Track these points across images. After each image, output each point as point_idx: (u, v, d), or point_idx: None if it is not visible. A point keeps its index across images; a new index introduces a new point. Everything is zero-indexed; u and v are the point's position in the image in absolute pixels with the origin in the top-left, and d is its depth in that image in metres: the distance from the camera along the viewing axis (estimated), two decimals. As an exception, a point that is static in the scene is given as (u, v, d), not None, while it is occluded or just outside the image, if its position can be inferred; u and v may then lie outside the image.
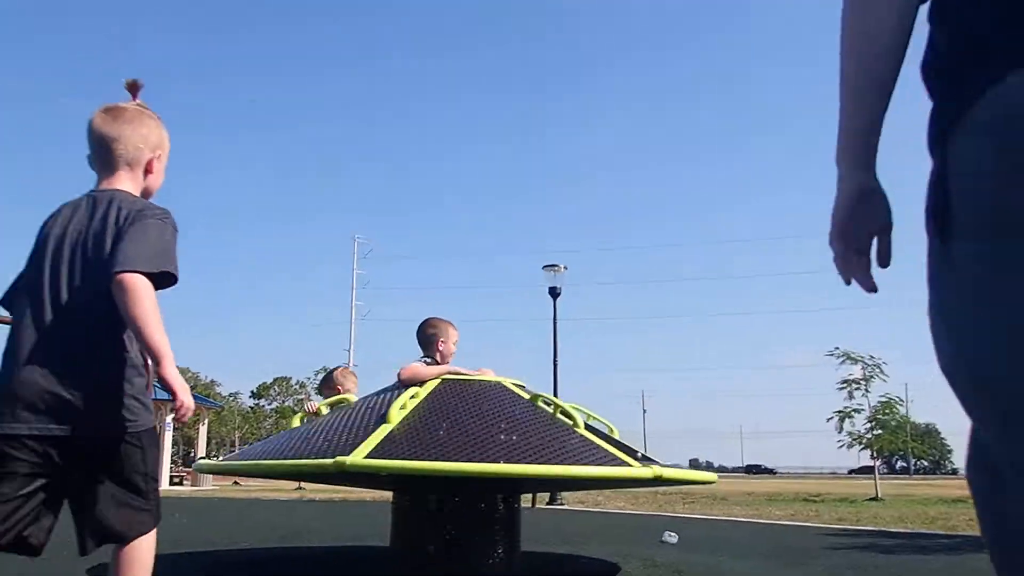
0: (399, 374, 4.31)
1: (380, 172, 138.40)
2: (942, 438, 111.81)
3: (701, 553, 5.91)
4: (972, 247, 0.94)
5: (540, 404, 4.10)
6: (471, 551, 4.11)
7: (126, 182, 2.12)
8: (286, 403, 66.41)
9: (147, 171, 2.16)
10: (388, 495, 4.63)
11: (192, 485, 26.20)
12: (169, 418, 26.50)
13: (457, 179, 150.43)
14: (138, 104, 2.21)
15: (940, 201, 0.98)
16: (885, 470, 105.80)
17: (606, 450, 3.83)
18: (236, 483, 28.32)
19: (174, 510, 10.96)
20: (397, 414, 3.94)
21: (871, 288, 1.29)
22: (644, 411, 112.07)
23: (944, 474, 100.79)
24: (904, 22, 1.11)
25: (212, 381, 71.71)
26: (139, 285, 1.90)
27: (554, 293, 17.95)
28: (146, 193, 2.17)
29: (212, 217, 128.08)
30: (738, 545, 6.71)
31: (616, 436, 4.63)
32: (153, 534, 2.01)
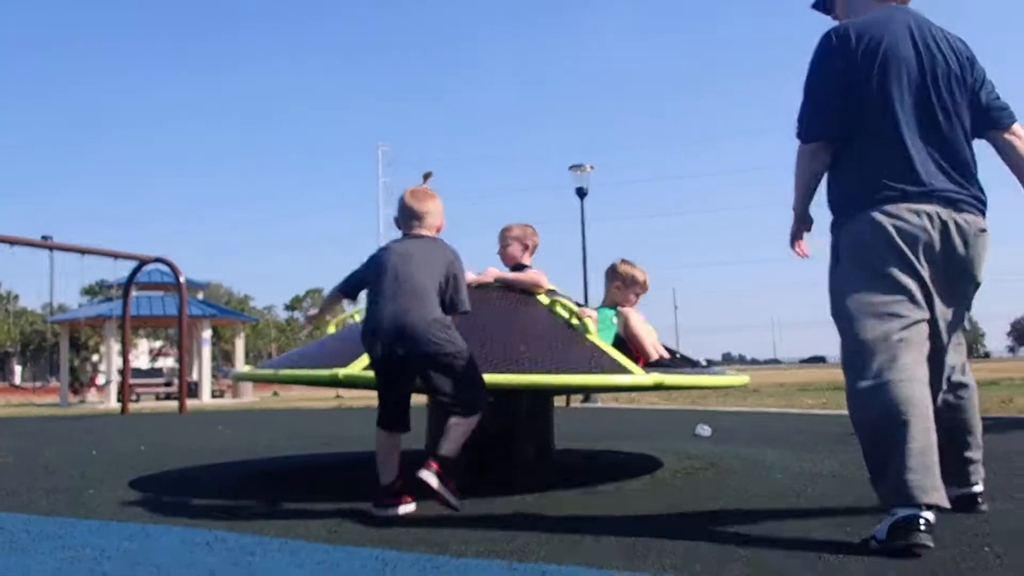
0: None
1: (406, 77, 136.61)
2: (974, 322, 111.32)
3: (734, 444, 5.99)
4: (840, 264, 2.83)
5: (558, 310, 4.08)
6: (504, 449, 4.19)
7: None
8: (320, 314, 67.17)
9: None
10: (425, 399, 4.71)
11: (233, 397, 26.77)
12: (206, 334, 26.95)
13: (482, 79, 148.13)
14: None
15: (835, 247, 2.87)
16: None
17: (611, 358, 3.84)
18: (276, 394, 28.91)
19: (216, 422, 11.23)
20: (333, 327, 4.11)
21: (804, 255, 3.12)
22: (676, 307, 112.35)
23: (977, 357, 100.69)
24: (822, 170, 2.92)
25: (246, 296, 72.68)
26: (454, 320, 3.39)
27: (581, 193, 17.80)
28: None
29: (241, 134, 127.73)
30: (770, 435, 6.78)
31: (655, 336, 4.66)
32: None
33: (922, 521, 2.36)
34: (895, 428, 2.49)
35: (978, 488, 3.00)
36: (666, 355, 4.20)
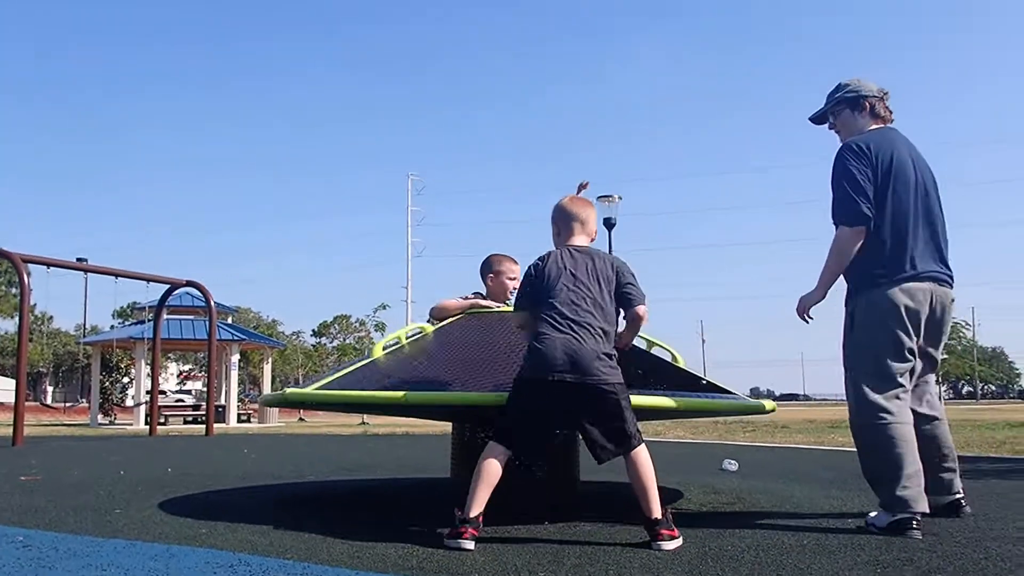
0: (429, 310, 4.54)
1: (435, 109, 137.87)
2: (1010, 361, 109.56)
3: (761, 479, 5.92)
4: (859, 326, 3.62)
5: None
6: (529, 480, 4.17)
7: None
8: (347, 340, 67.38)
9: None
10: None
11: (259, 422, 26.87)
12: (235, 358, 27.14)
13: (509, 112, 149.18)
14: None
15: (853, 314, 3.65)
16: (951, 395, 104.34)
17: (712, 383, 4.36)
18: (302, 419, 29.00)
19: (242, 446, 11.28)
20: (379, 350, 4.11)
21: (810, 320, 3.76)
22: (703, 340, 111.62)
23: (1012, 398, 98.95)
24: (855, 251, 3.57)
25: (274, 321, 73.24)
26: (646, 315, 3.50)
27: (609, 224, 17.83)
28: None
29: (272, 161, 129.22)
30: (798, 471, 6.70)
31: (680, 363, 4.65)
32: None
33: (915, 522, 3.37)
34: (897, 456, 3.43)
35: (959, 495, 3.85)
36: None
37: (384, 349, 4.32)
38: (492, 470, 3.23)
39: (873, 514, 3.54)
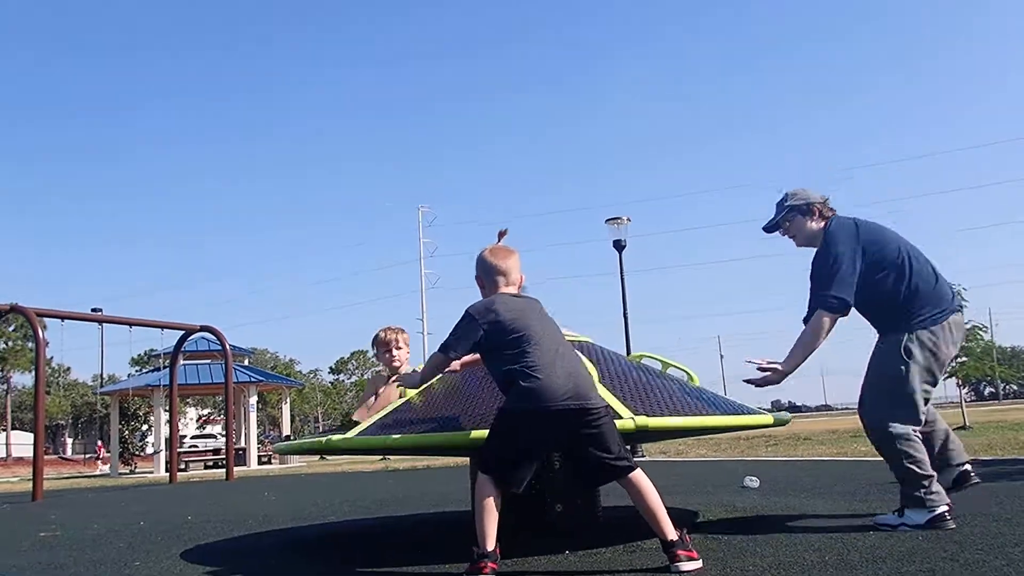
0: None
1: (439, 138, 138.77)
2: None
3: (782, 495, 5.88)
4: (913, 357, 3.98)
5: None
6: (550, 507, 4.15)
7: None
8: (364, 376, 67.40)
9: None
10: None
11: (280, 463, 26.84)
12: (253, 399, 27.17)
13: (516, 139, 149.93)
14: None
15: (907, 347, 3.99)
16: (973, 397, 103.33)
17: (730, 400, 4.40)
18: (322, 458, 28.95)
19: (262, 489, 11.27)
20: (413, 392, 4.06)
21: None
22: (721, 356, 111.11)
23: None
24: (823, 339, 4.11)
25: (291, 360, 73.26)
26: None
27: (619, 246, 17.82)
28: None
29: (282, 197, 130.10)
30: (821, 485, 6.64)
31: (696, 383, 4.64)
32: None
33: (948, 515, 3.80)
34: (919, 460, 3.88)
35: (967, 466, 4.22)
36: None
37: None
38: (491, 502, 3.22)
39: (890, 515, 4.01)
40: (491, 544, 3.18)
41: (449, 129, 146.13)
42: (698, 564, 3.17)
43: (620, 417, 3.57)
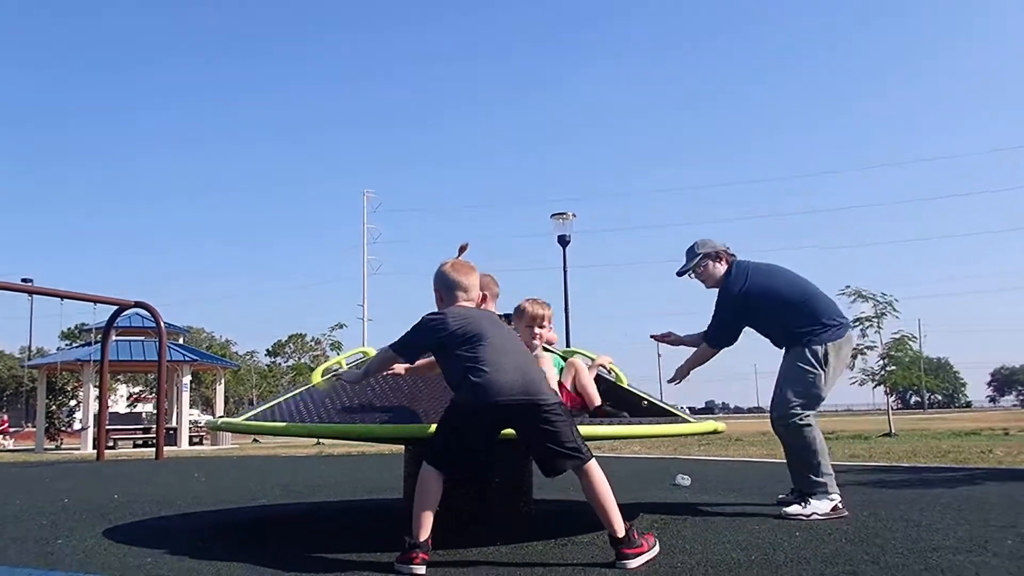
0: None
1: (387, 126, 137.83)
2: (955, 372, 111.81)
3: (713, 494, 5.97)
4: (823, 365, 4.81)
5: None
6: (481, 499, 4.16)
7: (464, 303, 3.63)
8: (302, 360, 66.73)
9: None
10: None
11: (212, 444, 26.46)
12: (186, 379, 26.73)
13: (463, 128, 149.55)
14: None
15: (817, 354, 4.78)
16: (899, 405, 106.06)
17: (664, 407, 4.53)
18: (256, 440, 28.61)
19: (193, 470, 11.10)
20: (318, 376, 4.18)
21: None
22: (659, 355, 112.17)
23: (958, 407, 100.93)
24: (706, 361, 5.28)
25: (228, 341, 72.12)
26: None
27: (563, 241, 17.93)
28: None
29: (222, 178, 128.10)
30: (750, 485, 6.76)
31: (624, 382, 4.68)
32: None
33: (842, 503, 4.54)
34: (822, 450, 4.69)
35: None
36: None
37: (323, 375, 4.36)
38: (432, 493, 3.27)
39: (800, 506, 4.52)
40: (425, 535, 3.19)
41: (400, 111, 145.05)
42: (643, 559, 3.23)
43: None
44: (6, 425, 34.25)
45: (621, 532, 3.26)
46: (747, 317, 5.00)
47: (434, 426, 3.49)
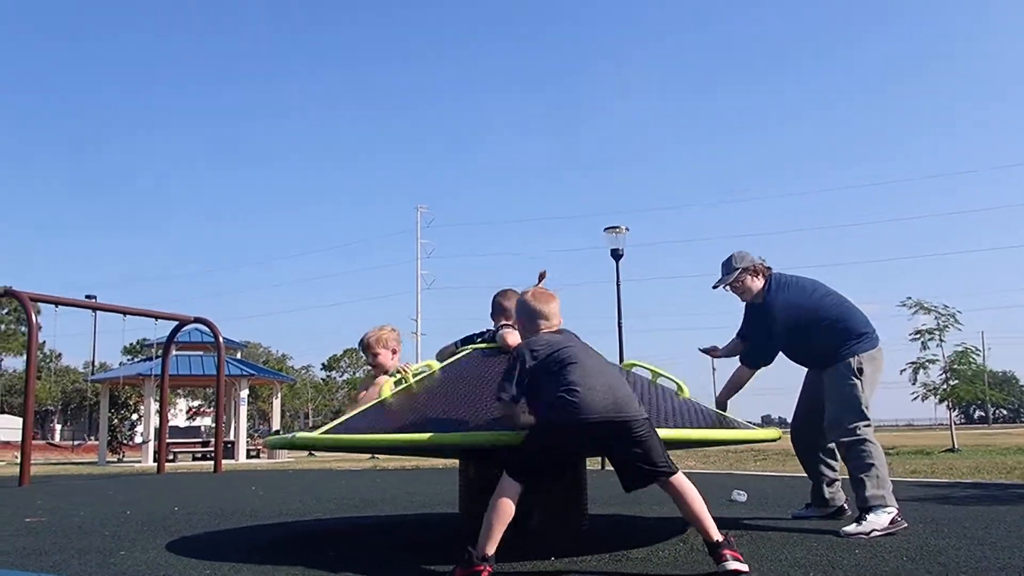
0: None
1: (440, 143, 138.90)
2: (1021, 386, 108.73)
3: (769, 510, 5.88)
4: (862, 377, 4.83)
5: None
6: (536, 515, 4.15)
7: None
8: (357, 374, 67.33)
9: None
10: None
11: (268, 458, 26.80)
12: (244, 393, 27.13)
13: (515, 145, 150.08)
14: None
15: (859, 367, 4.82)
16: (962, 419, 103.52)
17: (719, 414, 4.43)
18: (311, 454, 28.91)
19: (250, 483, 11.25)
20: (388, 390, 4.09)
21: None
22: (714, 368, 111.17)
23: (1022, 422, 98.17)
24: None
25: (284, 355, 73.11)
26: None
27: (616, 255, 17.83)
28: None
29: (280, 192, 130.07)
30: (806, 501, 6.63)
31: (686, 394, 4.64)
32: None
33: (900, 515, 4.54)
34: (880, 464, 4.67)
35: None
36: None
37: (392, 389, 4.35)
38: (507, 508, 3.29)
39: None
40: (492, 549, 3.24)
41: (446, 128, 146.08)
42: (744, 567, 3.25)
43: None
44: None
45: (718, 537, 3.32)
46: (787, 333, 4.97)
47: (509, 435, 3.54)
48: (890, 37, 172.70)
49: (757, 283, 5.04)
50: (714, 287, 5.12)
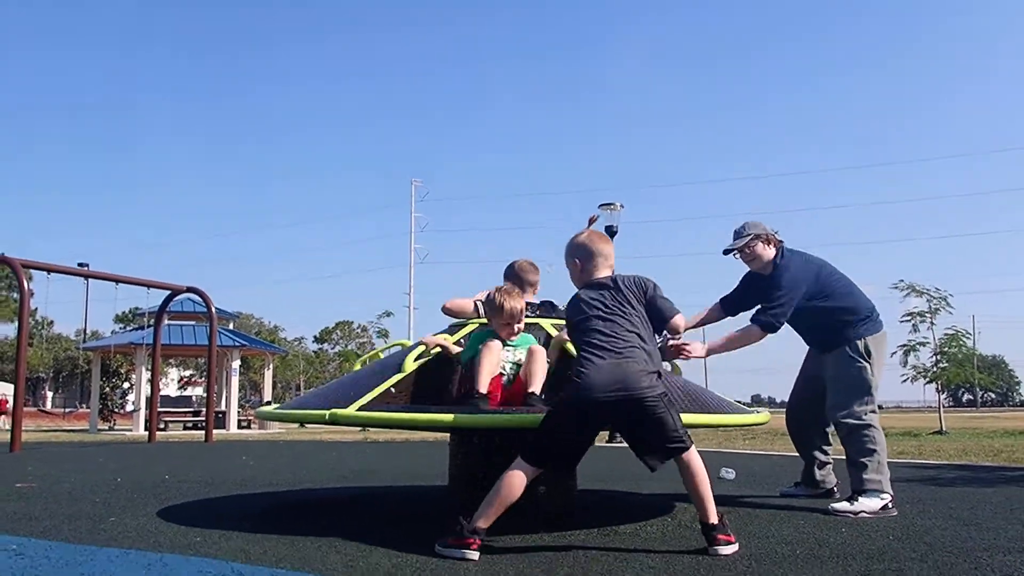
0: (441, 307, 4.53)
1: (438, 115, 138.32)
2: (1010, 370, 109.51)
3: (757, 488, 5.93)
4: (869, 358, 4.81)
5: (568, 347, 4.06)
6: (525, 489, 4.16)
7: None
8: (348, 347, 67.34)
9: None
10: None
11: (259, 428, 26.86)
12: (235, 364, 27.13)
13: (512, 117, 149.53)
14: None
15: (866, 349, 4.81)
16: (951, 403, 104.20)
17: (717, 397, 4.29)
18: (302, 425, 28.97)
19: (240, 453, 11.28)
20: (411, 364, 4.04)
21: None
22: (703, 335, 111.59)
23: (1012, 406, 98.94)
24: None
25: (276, 327, 73.14)
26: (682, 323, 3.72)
27: (611, 231, 17.82)
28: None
29: (273, 166, 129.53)
30: (796, 479, 6.68)
31: (679, 374, 4.66)
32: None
33: (893, 503, 4.52)
34: (880, 449, 4.65)
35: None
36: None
37: (363, 364, 4.35)
38: (514, 491, 3.29)
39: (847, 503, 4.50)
40: (487, 524, 3.25)
41: (443, 101, 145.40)
42: (735, 548, 3.28)
43: None
44: (6, 406, 34.95)
45: (714, 519, 3.32)
46: (794, 305, 4.81)
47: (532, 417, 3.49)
48: (891, 13, 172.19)
49: (768, 252, 4.93)
50: (725, 252, 5.04)
